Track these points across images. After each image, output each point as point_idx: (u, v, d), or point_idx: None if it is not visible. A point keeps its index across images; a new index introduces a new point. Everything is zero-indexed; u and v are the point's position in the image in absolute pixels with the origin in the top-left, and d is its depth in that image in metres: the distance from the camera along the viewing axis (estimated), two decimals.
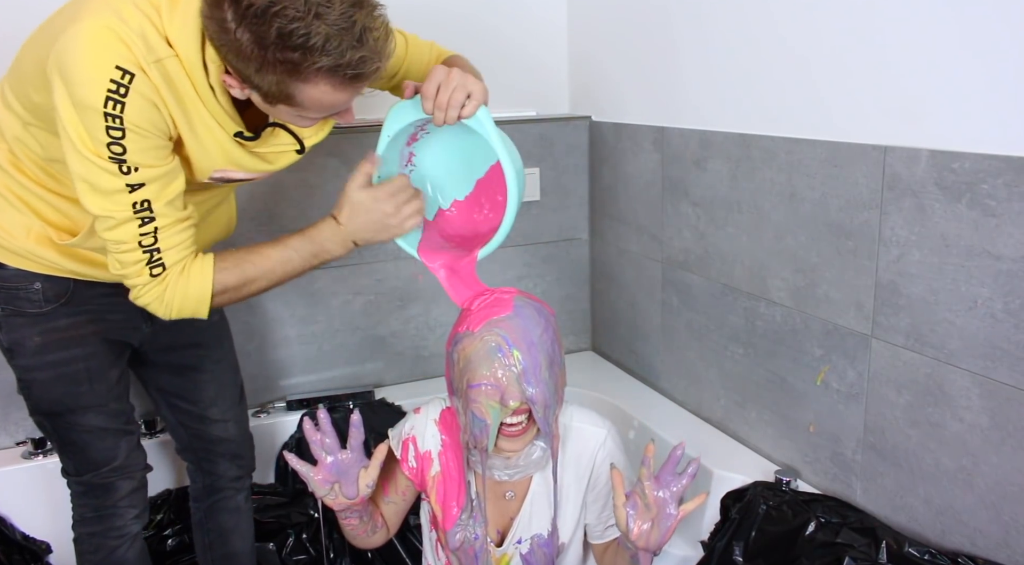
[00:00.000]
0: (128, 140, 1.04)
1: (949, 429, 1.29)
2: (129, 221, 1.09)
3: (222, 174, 1.20)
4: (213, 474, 1.58)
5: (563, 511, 1.36)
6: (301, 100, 1.03)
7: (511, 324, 1.21)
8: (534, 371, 1.20)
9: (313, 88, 1.01)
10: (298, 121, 1.14)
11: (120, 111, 1.02)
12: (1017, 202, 1.14)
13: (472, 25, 2.14)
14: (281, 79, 1.00)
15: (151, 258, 1.12)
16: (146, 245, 1.11)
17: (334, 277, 2.06)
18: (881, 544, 1.33)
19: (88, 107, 1.02)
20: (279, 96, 1.03)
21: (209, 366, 1.52)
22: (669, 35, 1.83)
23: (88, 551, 1.42)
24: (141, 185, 1.07)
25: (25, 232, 1.24)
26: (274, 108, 1.07)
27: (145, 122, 1.05)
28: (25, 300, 1.28)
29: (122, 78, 1.02)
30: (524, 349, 1.20)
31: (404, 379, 2.19)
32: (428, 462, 1.36)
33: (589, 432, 1.36)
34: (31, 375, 1.32)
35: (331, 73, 1.00)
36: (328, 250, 1.23)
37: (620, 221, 2.14)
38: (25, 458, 1.79)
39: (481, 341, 1.21)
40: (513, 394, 1.20)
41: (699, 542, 1.61)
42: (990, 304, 1.20)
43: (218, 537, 1.62)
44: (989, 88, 1.16)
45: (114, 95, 1.02)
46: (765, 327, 1.65)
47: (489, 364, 1.20)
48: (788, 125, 1.52)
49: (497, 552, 1.35)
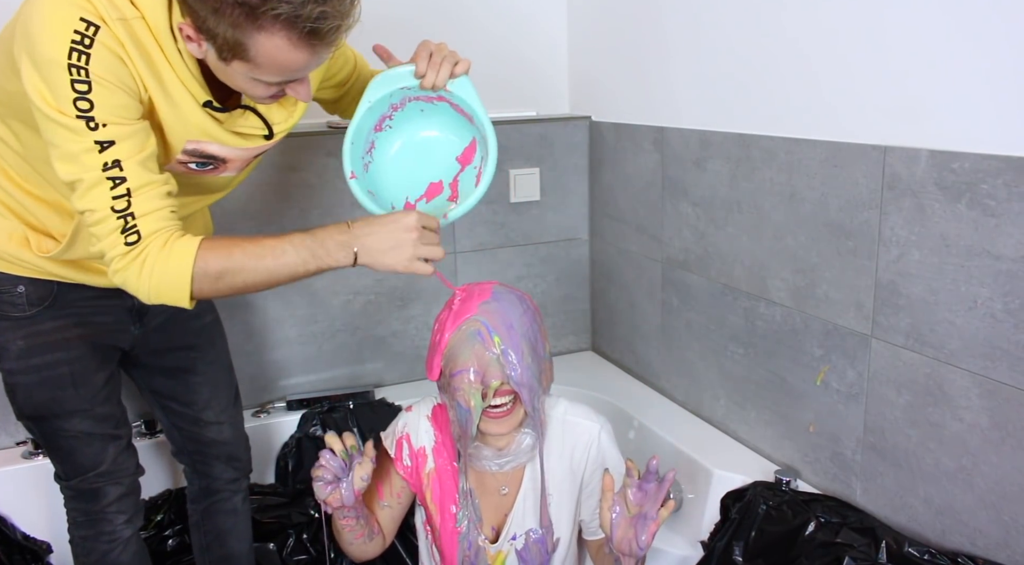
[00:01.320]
0: (95, 94, 1.01)
1: (949, 429, 1.29)
2: (99, 183, 1.04)
3: (196, 146, 1.16)
4: (209, 476, 1.57)
5: (558, 506, 1.36)
6: (255, 54, 1.00)
7: (489, 308, 1.23)
8: (516, 352, 1.22)
9: (268, 39, 0.98)
10: (254, 89, 1.08)
11: (85, 63, 1.00)
12: (1017, 202, 1.14)
13: (472, 25, 2.14)
14: (237, 23, 0.96)
15: (125, 224, 1.05)
16: (119, 210, 1.04)
17: (334, 277, 2.06)
18: (881, 544, 1.33)
19: (52, 62, 0.99)
20: (233, 48, 0.99)
21: (202, 368, 1.50)
22: (669, 35, 1.83)
23: (82, 553, 1.42)
24: (111, 143, 1.03)
25: (7, 236, 1.24)
26: (228, 67, 1.03)
27: (111, 75, 1.02)
28: (8, 303, 1.27)
29: (86, 30, 1.00)
30: (504, 333, 1.22)
31: (404, 379, 2.19)
32: (423, 458, 1.36)
33: (583, 427, 1.37)
34: (15, 379, 1.31)
35: (288, 24, 0.96)
36: (328, 251, 1.13)
37: (620, 221, 2.14)
38: (25, 458, 1.79)
39: (460, 330, 1.23)
40: (495, 374, 1.22)
41: (699, 542, 1.61)
42: (990, 304, 1.20)
43: (215, 539, 1.61)
44: (989, 88, 1.16)
45: (78, 46, 0.99)
46: (765, 327, 1.65)
47: (469, 349, 1.22)
48: (788, 125, 1.53)
49: (492, 549, 1.36)
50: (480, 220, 2.17)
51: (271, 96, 1.12)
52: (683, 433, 1.83)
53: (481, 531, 1.36)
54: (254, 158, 1.30)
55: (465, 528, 1.35)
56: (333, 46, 1.04)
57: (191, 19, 1.01)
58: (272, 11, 0.95)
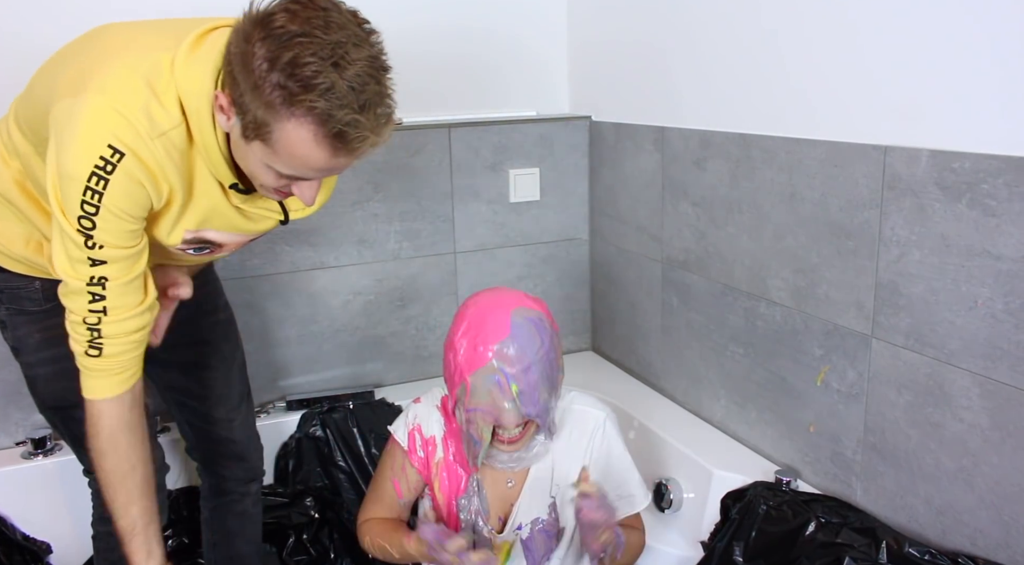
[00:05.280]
0: (101, 218, 1.04)
1: (949, 429, 1.29)
2: (81, 293, 1.08)
3: (195, 234, 1.18)
4: (219, 475, 1.59)
5: (563, 496, 1.37)
6: (277, 138, 0.99)
7: (507, 353, 1.22)
8: (531, 395, 1.23)
9: (295, 129, 0.97)
10: (264, 175, 1.07)
11: (103, 188, 1.03)
12: (1017, 202, 1.14)
13: (472, 25, 2.14)
14: (271, 104, 0.96)
15: (91, 338, 1.11)
16: (91, 323, 1.10)
17: (334, 277, 2.06)
18: (881, 544, 1.33)
19: (71, 177, 1.02)
20: (259, 127, 0.99)
21: (215, 363, 1.53)
22: (669, 35, 1.83)
23: (104, 549, 1.44)
24: (103, 262, 1.07)
25: (24, 242, 1.26)
26: (248, 146, 1.04)
27: (125, 203, 1.05)
28: (26, 299, 1.30)
29: (112, 156, 1.02)
30: (522, 379, 1.22)
31: (404, 379, 2.19)
32: (433, 447, 1.37)
33: (589, 415, 1.39)
34: (34, 371, 1.34)
35: (319, 120, 0.96)
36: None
37: (620, 221, 2.14)
38: (25, 458, 1.79)
39: (479, 371, 1.22)
40: (511, 419, 1.25)
41: (699, 542, 1.61)
42: (990, 304, 1.20)
43: (223, 538, 1.63)
44: (989, 88, 1.16)
45: (99, 171, 1.02)
46: (765, 327, 1.65)
47: (487, 394, 1.23)
48: (788, 125, 1.52)
49: (498, 539, 1.36)
50: (480, 220, 2.17)
51: (276, 189, 1.11)
52: (683, 433, 1.83)
53: (487, 521, 1.36)
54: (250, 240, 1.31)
55: (470, 518, 1.36)
56: (353, 156, 1.03)
57: (230, 90, 1.02)
58: (309, 102, 0.95)
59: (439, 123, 2.09)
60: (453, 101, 2.18)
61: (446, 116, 2.15)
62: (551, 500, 1.37)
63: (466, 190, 2.14)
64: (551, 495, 1.38)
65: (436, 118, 2.13)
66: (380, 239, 2.08)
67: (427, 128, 2.07)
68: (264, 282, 1.99)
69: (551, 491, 1.38)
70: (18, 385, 1.80)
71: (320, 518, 1.85)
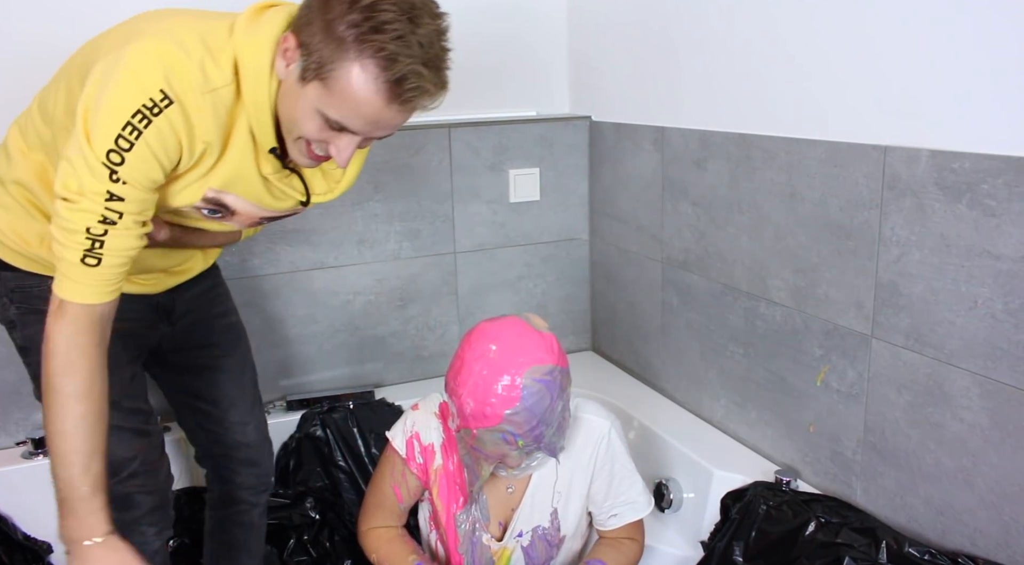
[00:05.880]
0: (133, 154, 1.03)
1: (949, 429, 1.29)
2: (90, 212, 1.05)
3: (216, 195, 1.18)
4: (230, 482, 1.57)
5: (565, 503, 1.37)
6: (337, 77, 1.01)
7: (517, 418, 1.21)
8: (538, 440, 1.24)
9: (358, 73, 1.00)
10: (308, 121, 1.07)
11: (144, 126, 1.03)
12: (1017, 202, 1.14)
13: (473, 25, 2.13)
14: (341, 41, 0.99)
15: (91, 246, 1.06)
16: (95, 234, 1.06)
17: (334, 277, 2.06)
18: (881, 544, 1.33)
19: (114, 108, 1.02)
20: (320, 67, 1.01)
21: (227, 366, 1.53)
22: (669, 35, 1.83)
23: None
24: (120, 199, 1.06)
25: (39, 240, 1.26)
26: (303, 89, 1.05)
27: (159, 149, 1.05)
28: (39, 298, 1.28)
29: (161, 101, 1.03)
30: (528, 435, 1.23)
31: (404, 379, 2.19)
32: (431, 454, 1.37)
33: (594, 424, 1.39)
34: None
35: (384, 62, 0.99)
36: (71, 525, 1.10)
37: (620, 221, 2.14)
38: (25, 458, 1.79)
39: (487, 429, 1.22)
40: (515, 462, 1.28)
41: (699, 542, 1.61)
42: (990, 304, 1.20)
43: (226, 551, 1.61)
44: (989, 88, 1.16)
45: (146, 110, 1.02)
46: (765, 327, 1.65)
47: (493, 444, 1.24)
48: (788, 125, 1.52)
49: (497, 546, 1.36)
50: (480, 220, 2.17)
51: (311, 149, 1.12)
52: (683, 433, 1.83)
53: (487, 529, 1.36)
54: (260, 223, 1.31)
55: (469, 526, 1.36)
56: (403, 112, 1.06)
57: (299, 31, 1.04)
58: (379, 43, 0.98)
59: (439, 123, 2.09)
60: (453, 101, 2.15)
61: (446, 116, 2.14)
62: (553, 508, 1.37)
63: (466, 190, 2.14)
64: (553, 504, 1.37)
65: (436, 118, 2.13)
66: (380, 239, 2.08)
67: (427, 128, 2.07)
68: (264, 282, 1.99)
69: (553, 500, 1.37)
70: (18, 385, 1.80)
71: (321, 519, 1.85)
